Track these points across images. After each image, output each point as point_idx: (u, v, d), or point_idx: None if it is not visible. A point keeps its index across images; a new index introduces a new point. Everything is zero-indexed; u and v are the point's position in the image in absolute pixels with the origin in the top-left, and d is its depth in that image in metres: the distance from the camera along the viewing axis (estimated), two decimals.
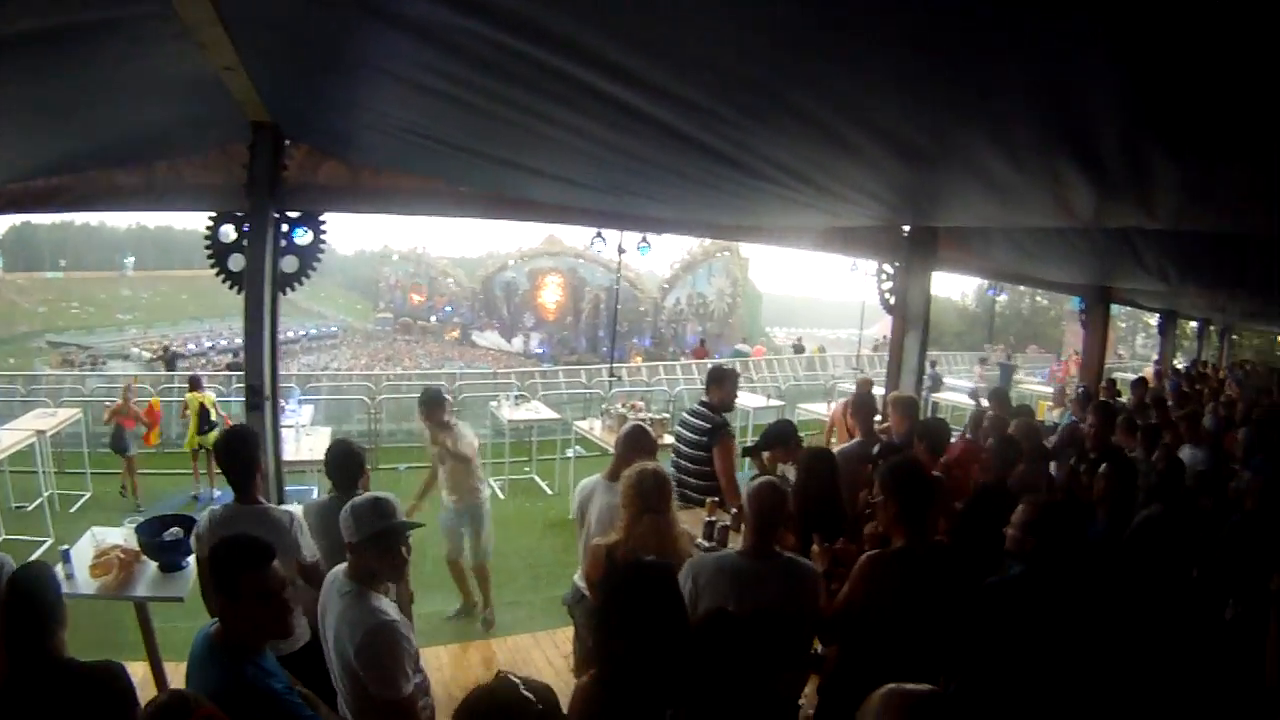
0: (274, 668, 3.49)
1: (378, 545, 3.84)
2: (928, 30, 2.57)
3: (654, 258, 58.95)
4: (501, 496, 14.20)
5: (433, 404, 8.46)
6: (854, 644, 4.53)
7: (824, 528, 5.58)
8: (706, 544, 6.10)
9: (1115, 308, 17.11)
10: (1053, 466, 8.34)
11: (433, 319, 76.69)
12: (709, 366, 8.94)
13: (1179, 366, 22.25)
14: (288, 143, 6.24)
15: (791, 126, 3.97)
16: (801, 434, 7.43)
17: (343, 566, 3.98)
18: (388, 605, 3.87)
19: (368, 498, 3.96)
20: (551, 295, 64.88)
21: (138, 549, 5.78)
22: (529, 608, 9.05)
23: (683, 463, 7.56)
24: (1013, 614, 4.35)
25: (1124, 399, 13.20)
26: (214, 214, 6.29)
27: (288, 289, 6.48)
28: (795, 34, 2.75)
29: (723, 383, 7.71)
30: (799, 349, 39.12)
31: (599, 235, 15.20)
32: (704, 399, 7.73)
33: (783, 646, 3.53)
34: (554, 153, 5.38)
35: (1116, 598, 5.12)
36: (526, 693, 2.51)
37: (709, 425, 7.38)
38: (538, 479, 15.57)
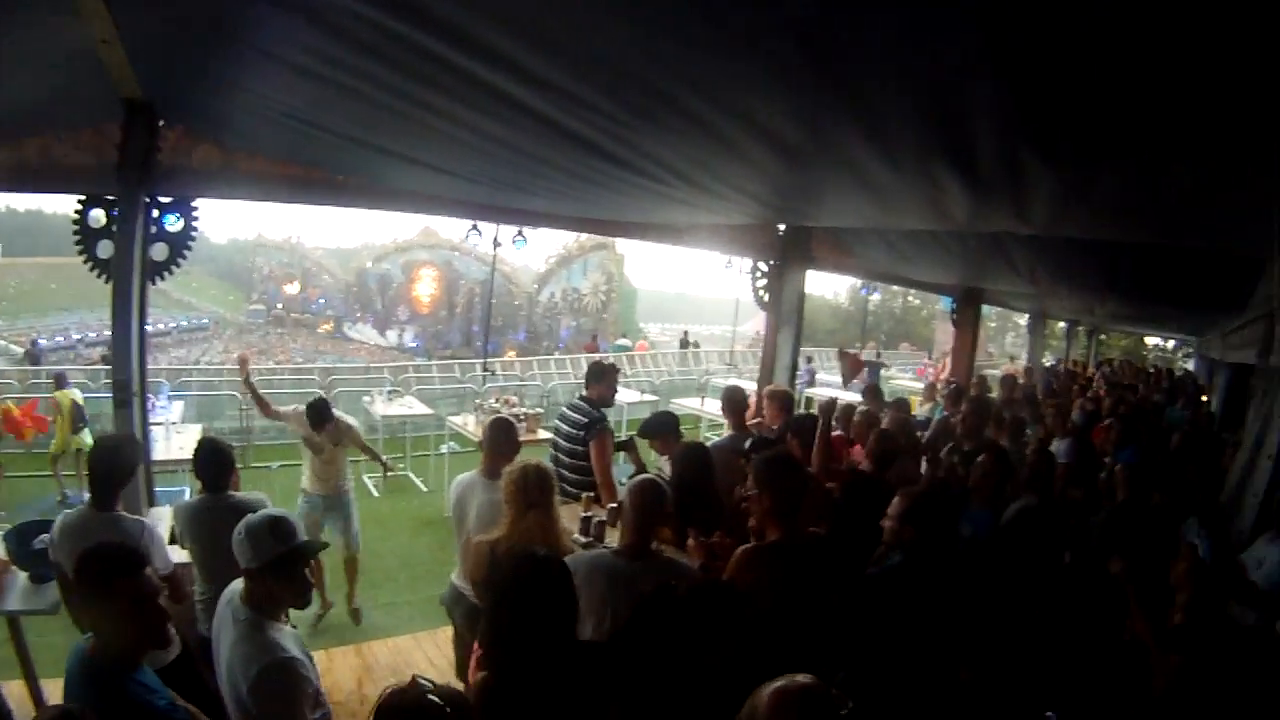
0: (155, 683, 3.28)
1: (279, 571, 3.57)
2: (811, 31, 2.58)
3: (529, 252, 58.76)
4: (376, 494, 13.93)
5: (324, 416, 8.35)
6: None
7: (699, 521, 5.58)
8: (583, 539, 6.08)
9: (986, 308, 17.62)
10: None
11: (306, 312, 75.39)
12: (590, 362, 8.94)
13: (1046, 364, 22.99)
14: (162, 124, 6.03)
15: (677, 125, 3.98)
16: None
17: (240, 585, 3.69)
18: (287, 638, 3.60)
19: (263, 518, 3.65)
20: (426, 288, 64.04)
21: (7, 558, 5.48)
22: (408, 608, 8.88)
23: (561, 457, 7.53)
24: (896, 602, 4.47)
25: (993, 394, 13.62)
26: (83, 197, 6.06)
27: (157, 278, 6.28)
28: (684, 33, 2.75)
29: (602, 378, 7.70)
30: (685, 343, 39.41)
31: (475, 228, 15.07)
32: (583, 394, 7.74)
33: (724, 617, 3.50)
34: (435, 143, 5.29)
35: (996, 584, 5.30)
36: (434, 697, 2.46)
37: (586, 420, 7.39)
38: (412, 476, 15.26)
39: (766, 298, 9.82)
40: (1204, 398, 17.23)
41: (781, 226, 9.38)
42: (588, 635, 4.08)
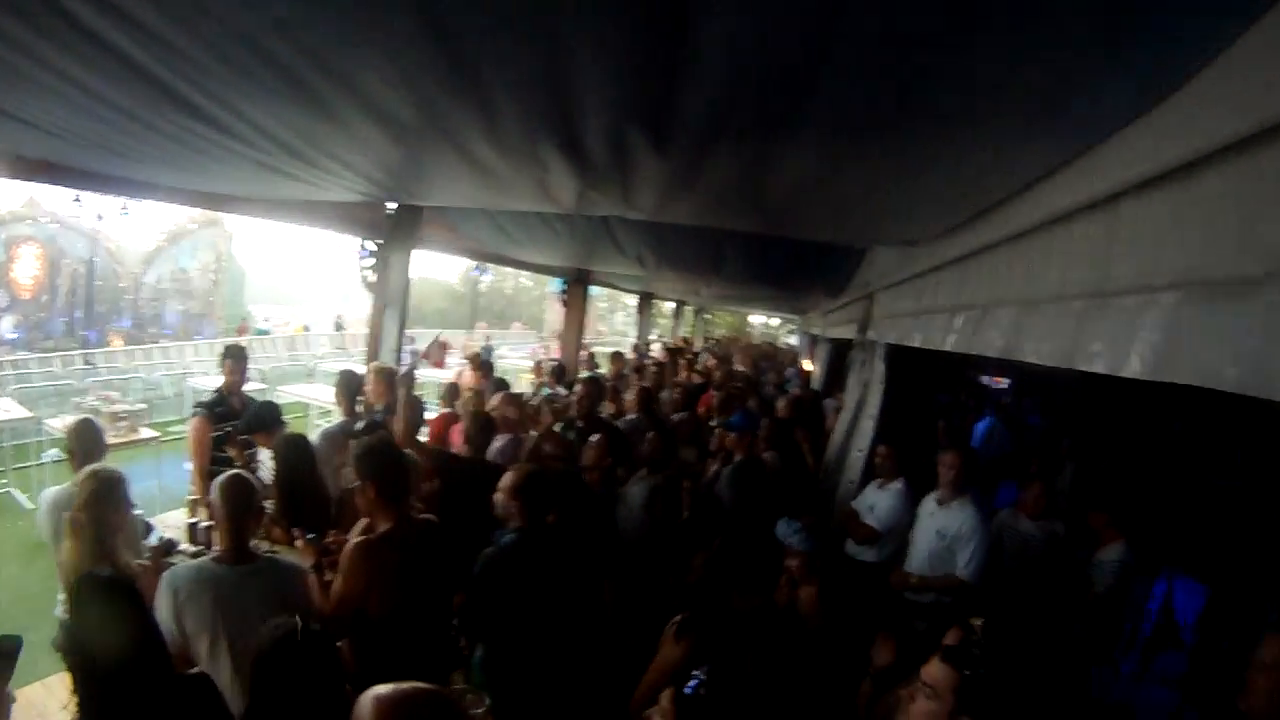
0: None
1: None
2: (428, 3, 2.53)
3: (137, 228, 55.18)
4: None
5: None
6: (363, 635, 4.46)
7: (307, 517, 5.49)
8: (191, 548, 5.76)
9: (596, 288, 18.29)
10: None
11: None
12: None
13: (654, 341, 24.12)
14: None
15: (281, 89, 3.75)
16: (286, 417, 7.35)
17: None
18: None
19: None
20: (28, 269, 58.41)
21: None
22: (32, 650, 7.82)
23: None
24: (517, 576, 4.62)
25: (603, 370, 14.50)
26: None
27: None
28: None
29: (225, 362, 7.76)
30: (340, 325, 38.87)
31: (77, 198, 14.22)
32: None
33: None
34: (26, 92, 4.59)
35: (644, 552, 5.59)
36: None
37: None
38: (15, 493, 13.96)
39: (372, 278, 9.70)
40: (808, 367, 18.92)
41: (391, 205, 9.25)
42: (201, 654, 3.93)
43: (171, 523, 6.46)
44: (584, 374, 13.25)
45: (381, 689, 2.29)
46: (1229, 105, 1.93)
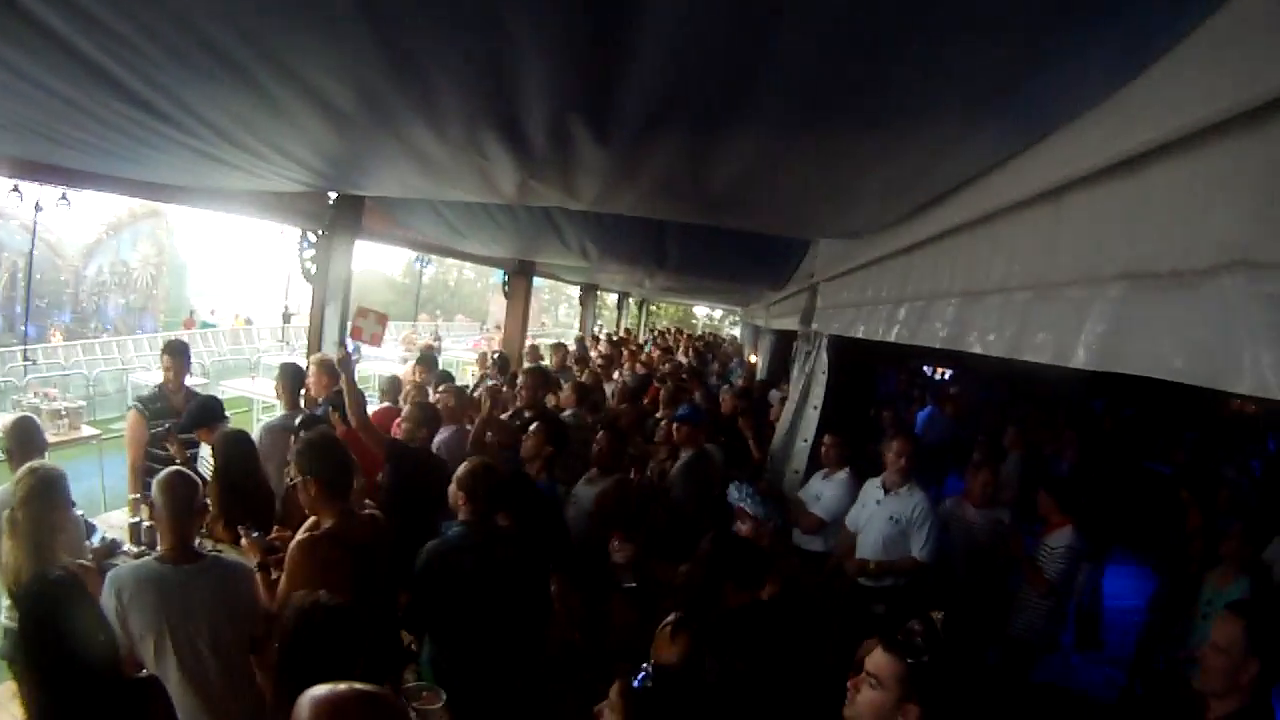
0: None
1: None
2: None
3: (77, 220, 54.14)
4: None
5: None
6: None
7: (250, 514, 5.33)
8: (135, 549, 5.65)
9: (540, 280, 18.22)
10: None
11: None
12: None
13: (598, 334, 24.15)
14: None
15: (218, 74, 3.65)
16: (229, 412, 7.20)
17: None
18: None
19: None
20: None
21: None
22: None
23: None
24: (460, 569, 4.58)
25: (546, 362, 14.49)
26: None
27: None
28: None
29: (163, 358, 7.60)
30: (288, 317, 38.33)
31: (15, 189, 13.89)
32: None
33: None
34: None
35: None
36: None
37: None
38: None
39: (313, 270, 9.56)
40: (753, 359, 19.12)
41: (332, 195, 9.08)
42: (148, 655, 3.85)
43: (114, 522, 6.35)
44: (527, 365, 13.19)
45: (319, 689, 2.25)
46: (1181, 99, 1.93)
